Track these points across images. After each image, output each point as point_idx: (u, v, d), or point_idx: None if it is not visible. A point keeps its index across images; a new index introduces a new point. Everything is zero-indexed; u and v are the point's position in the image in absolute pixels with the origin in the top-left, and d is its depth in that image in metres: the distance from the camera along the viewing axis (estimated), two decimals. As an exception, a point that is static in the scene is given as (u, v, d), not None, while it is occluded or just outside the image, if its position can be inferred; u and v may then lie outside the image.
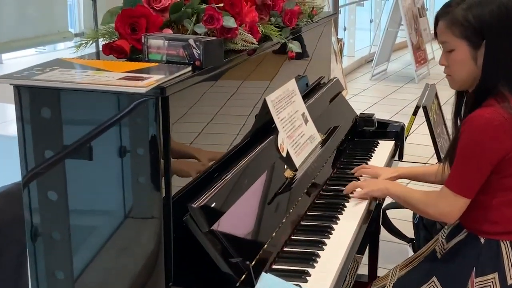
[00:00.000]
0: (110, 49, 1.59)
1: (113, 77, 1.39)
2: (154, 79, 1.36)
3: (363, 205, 2.09)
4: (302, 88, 2.60)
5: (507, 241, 1.91)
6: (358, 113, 2.91)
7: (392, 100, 6.92)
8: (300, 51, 2.13)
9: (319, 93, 2.55)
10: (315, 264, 1.73)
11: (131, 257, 1.49)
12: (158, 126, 1.37)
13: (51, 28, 2.72)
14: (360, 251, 2.09)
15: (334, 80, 2.83)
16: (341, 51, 4.98)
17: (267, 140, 1.95)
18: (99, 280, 1.52)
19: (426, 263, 2.10)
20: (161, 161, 1.39)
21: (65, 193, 1.45)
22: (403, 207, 3.40)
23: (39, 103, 1.42)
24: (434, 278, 2.00)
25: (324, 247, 1.83)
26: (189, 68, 1.50)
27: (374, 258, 3.07)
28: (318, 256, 1.77)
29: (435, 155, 3.45)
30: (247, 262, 1.54)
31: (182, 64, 1.53)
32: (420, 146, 4.85)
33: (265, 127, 2.03)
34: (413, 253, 3.13)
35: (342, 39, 5.26)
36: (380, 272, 3.26)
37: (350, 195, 2.13)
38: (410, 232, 3.17)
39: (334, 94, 2.73)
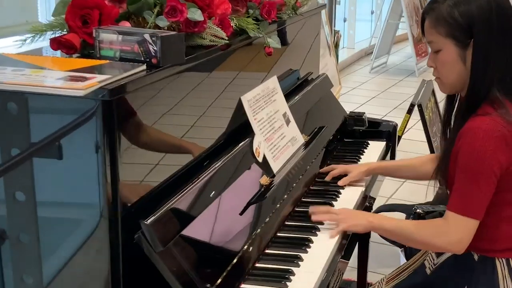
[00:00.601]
0: (58, 44, 1.42)
1: (53, 77, 1.22)
2: (97, 80, 1.19)
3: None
4: (292, 84, 2.42)
5: (503, 259, 1.74)
6: (355, 107, 2.73)
7: (391, 94, 6.74)
8: (279, 47, 1.95)
9: (305, 91, 2.37)
10: (287, 283, 1.56)
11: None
12: (102, 132, 1.20)
13: (19, 18, 2.54)
14: (346, 257, 1.91)
15: (323, 76, 2.65)
16: (337, 43, 4.80)
17: (240, 144, 1.77)
18: (69, 286, 1.36)
19: (415, 279, 1.94)
20: (105, 172, 1.22)
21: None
22: (396, 210, 3.29)
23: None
24: None
25: (300, 262, 1.66)
26: (143, 67, 1.33)
27: (363, 262, 2.90)
28: (292, 273, 1.60)
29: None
30: (208, 285, 1.38)
31: (137, 61, 1.36)
32: (416, 143, 4.68)
33: (239, 129, 1.86)
34: (405, 259, 3.00)
35: (339, 31, 5.08)
36: (370, 277, 3.11)
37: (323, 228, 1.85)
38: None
39: (322, 91, 2.55)
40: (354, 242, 1.97)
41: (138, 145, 1.36)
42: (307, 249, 1.73)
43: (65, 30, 1.46)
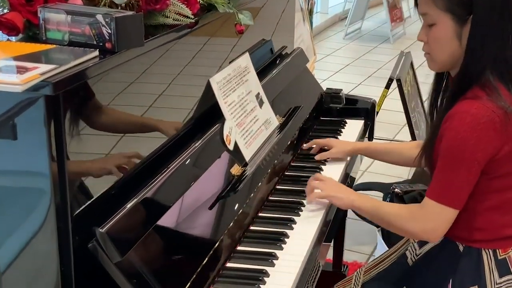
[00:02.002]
0: (-2, 24, 1.24)
1: (-13, 66, 1.04)
2: (39, 71, 1.02)
3: (322, 210, 1.78)
4: (265, 55, 2.26)
5: (490, 250, 1.64)
6: (330, 75, 2.58)
7: (365, 62, 6.60)
8: (252, 23, 1.78)
9: (279, 68, 2.21)
10: (262, 286, 1.43)
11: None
12: (46, 132, 1.03)
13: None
14: (329, 239, 1.79)
15: (298, 50, 2.49)
16: (311, 10, 4.61)
17: (208, 132, 1.61)
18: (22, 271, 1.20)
19: (396, 270, 1.83)
20: (51, 175, 1.06)
21: None
22: (373, 189, 3.18)
23: None
24: None
25: (274, 261, 1.53)
26: (95, 53, 1.15)
27: (340, 241, 2.79)
28: (266, 274, 1.47)
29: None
30: (173, 297, 1.24)
31: (89, 46, 1.19)
32: (393, 113, 4.56)
33: (208, 115, 1.70)
34: (381, 239, 2.90)
35: (313, -4, 4.88)
36: (346, 256, 3.01)
37: (307, 199, 1.80)
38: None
39: (297, 67, 2.39)
40: (334, 225, 1.85)
41: (88, 143, 1.19)
42: (283, 245, 1.60)
43: (6, 8, 1.27)
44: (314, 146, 2.15)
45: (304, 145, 2.16)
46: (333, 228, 1.84)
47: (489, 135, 1.51)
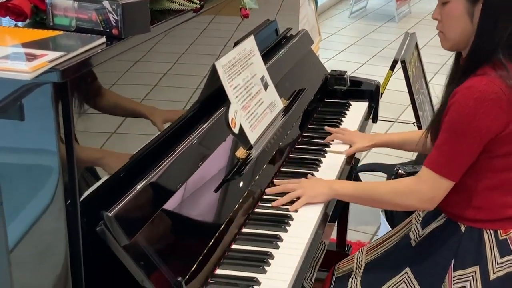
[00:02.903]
0: (6, 10, 1.25)
1: (-5, 53, 1.05)
2: (47, 59, 1.03)
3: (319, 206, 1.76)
4: (270, 36, 2.26)
5: (491, 230, 1.66)
6: (334, 54, 2.58)
7: (370, 41, 6.57)
8: (257, 7, 1.78)
9: (284, 50, 2.21)
10: (266, 268, 1.45)
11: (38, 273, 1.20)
12: (55, 118, 1.05)
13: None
14: (333, 219, 1.81)
15: (302, 32, 2.48)
16: (316, -11, 4.59)
17: (214, 116, 1.63)
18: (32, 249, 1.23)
19: (399, 251, 1.84)
20: (60, 160, 1.08)
21: None
22: (376, 170, 3.19)
23: None
24: (407, 269, 1.75)
25: (279, 243, 1.55)
26: (102, 40, 1.17)
27: (343, 223, 2.82)
28: (271, 256, 1.50)
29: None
30: (179, 279, 1.26)
31: (96, 32, 1.20)
32: (398, 93, 4.56)
33: (213, 98, 1.71)
34: (385, 220, 2.92)
35: (318, -25, 4.85)
36: (350, 236, 3.03)
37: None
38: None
39: (302, 49, 2.39)
40: (339, 205, 1.87)
41: (97, 127, 1.21)
42: (287, 227, 1.62)
43: (13, -7, 1.28)
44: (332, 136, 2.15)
45: (326, 128, 2.17)
46: (337, 209, 1.85)
47: (495, 112, 1.53)
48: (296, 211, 1.69)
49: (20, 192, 1.14)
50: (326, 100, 2.48)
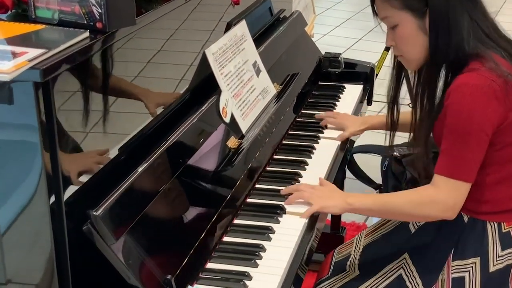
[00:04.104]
0: (-14, 2, 1.20)
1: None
2: (27, 57, 0.99)
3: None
4: (263, 16, 2.21)
5: (495, 223, 1.63)
6: (330, 30, 2.54)
7: (367, 15, 6.37)
8: (248, -8, 1.74)
9: (276, 34, 2.17)
10: (258, 262, 1.44)
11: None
12: (36, 117, 1.02)
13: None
14: None
15: (296, 14, 2.44)
16: (311, -35, 4.51)
17: (204, 106, 1.59)
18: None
19: (397, 236, 1.81)
20: (43, 157, 1.05)
21: None
22: (369, 152, 3.16)
23: None
24: (406, 255, 1.73)
25: (271, 235, 1.53)
26: (86, 34, 1.13)
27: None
28: (263, 249, 1.48)
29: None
30: (168, 277, 1.24)
31: (79, 26, 1.16)
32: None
33: (203, 87, 1.68)
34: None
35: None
36: (345, 217, 3.01)
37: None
38: (378, 179, 2.89)
39: (295, 32, 2.35)
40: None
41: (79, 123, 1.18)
42: (279, 218, 1.60)
43: (-7, -16, 1.23)
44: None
45: (317, 116, 2.13)
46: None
47: (492, 104, 1.50)
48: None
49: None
50: (320, 83, 2.44)
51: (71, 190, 1.15)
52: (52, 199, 1.08)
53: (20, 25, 1.15)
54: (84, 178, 1.19)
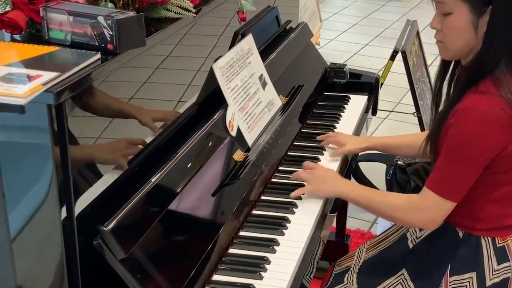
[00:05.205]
0: (1, 23, 1.24)
1: (-10, 74, 1.05)
2: (42, 81, 1.03)
3: (320, 202, 1.78)
4: (270, 25, 2.23)
5: (489, 238, 1.67)
6: (336, 35, 2.55)
7: (373, 21, 6.52)
8: (255, 9, 1.77)
9: (282, 46, 2.20)
10: (263, 274, 1.47)
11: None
12: (50, 137, 1.06)
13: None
14: (334, 210, 1.83)
15: (302, 25, 2.47)
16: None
17: (210, 121, 1.63)
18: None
19: (396, 252, 1.86)
20: (56, 175, 1.09)
21: None
22: (375, 160, 3.20)
23: None
24: (404, 271, 1.77)
25: (276, 247, 1.57)
26: (97, 56, 1.16)
27: (343, 212, 2.83)
28: (268, 261, 1.51)
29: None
30: (176, 289, 1.28)
31: (91, 47, 1.20)
32: (400, 76, 4.54)
33: (210, 101, 1.71)
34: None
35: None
36: (350, 223, 3.05)
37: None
38: (382, 187, 2.92)
39: (301, 43, 2.38)
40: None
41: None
42: (284, 230, 1.64)
43: (8, 6, 1.28)
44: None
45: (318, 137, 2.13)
46: (338, 200, 1.85)
47: (496, 133, 1.52)
48: (293, 211, 1.71)
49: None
50: (325, 93, 2.48)
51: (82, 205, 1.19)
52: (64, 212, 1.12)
53: (34, 46, 1.19)
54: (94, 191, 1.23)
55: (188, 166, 1.48)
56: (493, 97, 1.51)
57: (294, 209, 1.72)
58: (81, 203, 1.20)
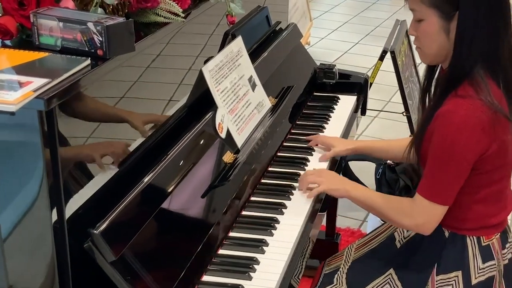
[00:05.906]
0: (-8, 29, 1.26)
1: (-19, 81, 1.07)
2: (32, 88, 1.05)
3: (308, 203, 1.80)
4: (261, 26, 2.25)
5: (474, 237, 1.70)
6: (327, 33, 2.57)
7: (364, 19, 6.55)
8: (244, 12, 1.79)
9: (272, 47, 2.22)
10: (252, 274, 1.49)
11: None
12: (40, 143, 1.07)
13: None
14: (323, 209, 1.86)
15: (291, 26, 2.49)
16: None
17: (200, 123, 1.64)
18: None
19: (384, 252, 1.89)
20: (47, 178, 1.11)
21: None
22: (365, 159, 3.22)
23: None
24: (392, 271, 1.80)
25: (265, 248, 1.59)
26: (87, 61, 1.18)
27: (333, 211, 2.85)
28: (257, 262, 1.53)
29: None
30: (166, 291, 1.30)
31: (81, 53, 1.21)
32: (389, 74, 4.57)
33: (199, 104, 1.73)
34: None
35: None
36: (340, 222, 3.07)
37: (300, 191, 1.83)
38: (372, 186, 2.95)
39: (290, 45, 2.40)
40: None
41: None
42: (273, 231, 1.66)
43: (-1, 12, 1.29)
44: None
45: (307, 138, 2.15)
46: (328, 198, 1.88)
47: (477, 136, 1.55)
48: (282, 212, 1.73)
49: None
50: (315, 94, 2.50)
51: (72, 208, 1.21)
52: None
53: (24, 52, 1.20)
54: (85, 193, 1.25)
55: (178, 168, 1.50)
56: (473, 101, 1.54)
57: (283, 210, 1.75)
58: (72, 205, 1.21)
